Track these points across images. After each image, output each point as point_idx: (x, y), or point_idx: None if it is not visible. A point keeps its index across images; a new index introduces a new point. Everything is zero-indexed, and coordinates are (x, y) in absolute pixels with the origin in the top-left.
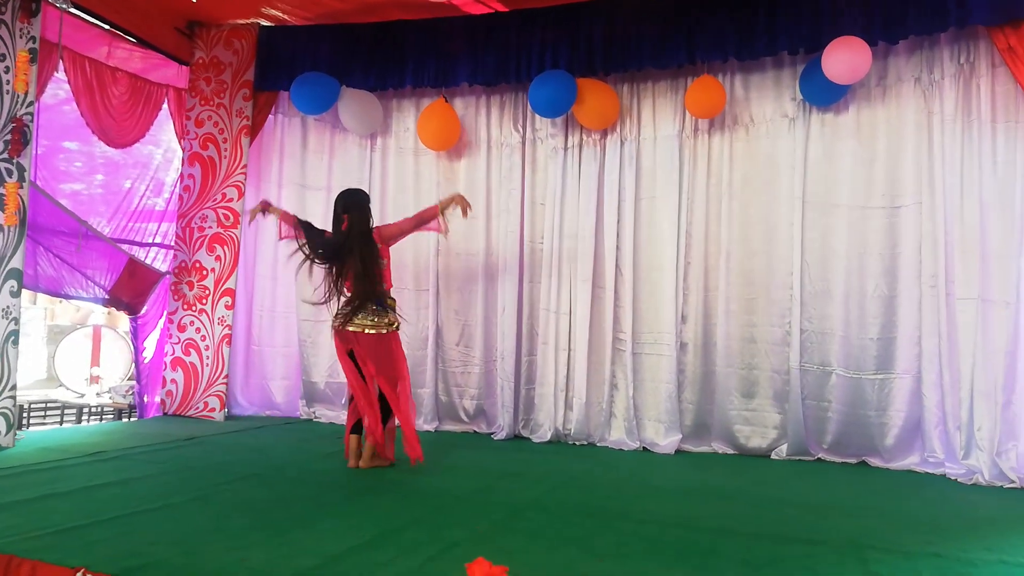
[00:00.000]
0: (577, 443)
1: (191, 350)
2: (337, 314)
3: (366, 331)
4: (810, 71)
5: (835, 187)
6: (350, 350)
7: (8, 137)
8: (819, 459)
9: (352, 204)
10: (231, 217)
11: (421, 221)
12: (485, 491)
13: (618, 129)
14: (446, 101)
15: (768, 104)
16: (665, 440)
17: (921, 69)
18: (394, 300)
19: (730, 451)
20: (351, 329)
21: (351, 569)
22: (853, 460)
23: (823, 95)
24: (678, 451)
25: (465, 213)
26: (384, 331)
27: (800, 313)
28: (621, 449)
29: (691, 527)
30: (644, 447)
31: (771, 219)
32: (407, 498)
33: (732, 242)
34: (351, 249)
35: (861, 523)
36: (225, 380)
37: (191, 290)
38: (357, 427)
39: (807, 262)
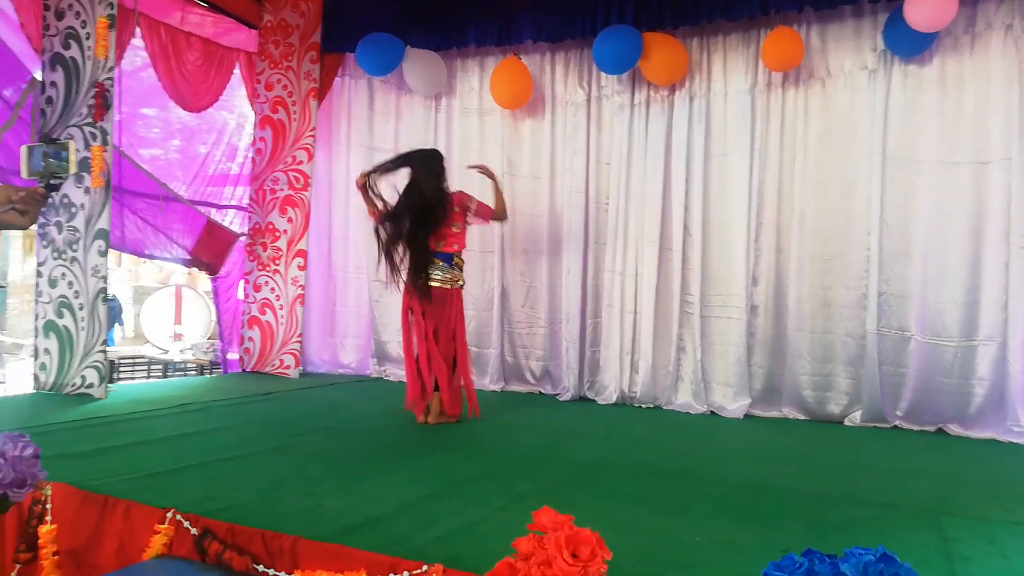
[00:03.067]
0: (643, 406)
1: (267, 309)
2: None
3: (431, 284)
4: (893, 19)
5: (917, 143)
6: (410, 307)
7: (91, 102)
8: (895, 426)
9: (415, 162)
10: (301, 179)
11: (491, 216)
12: (551, 448)
13: (687, 85)
14: (517, 58)
15: (847, 56)
16: (734, 404)
17: (1013, 15)
18: (463, 260)
19: (801, 416)
20: (423, 285)
21: (422, 516)
22: (931, 428)
23: (907, 45)
24: (747, 416)
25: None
26: (449, 287)
27: (878, 275)
28: (688, 412)
29: (759, 488)
30: (712, 411)
31: (848, 176)
32: (475, 453)
33: (806, 201)
34: (416, 207)
35: (937, 489)
36: (299, 339)
37: (265, 251)
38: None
39: (886, 221)
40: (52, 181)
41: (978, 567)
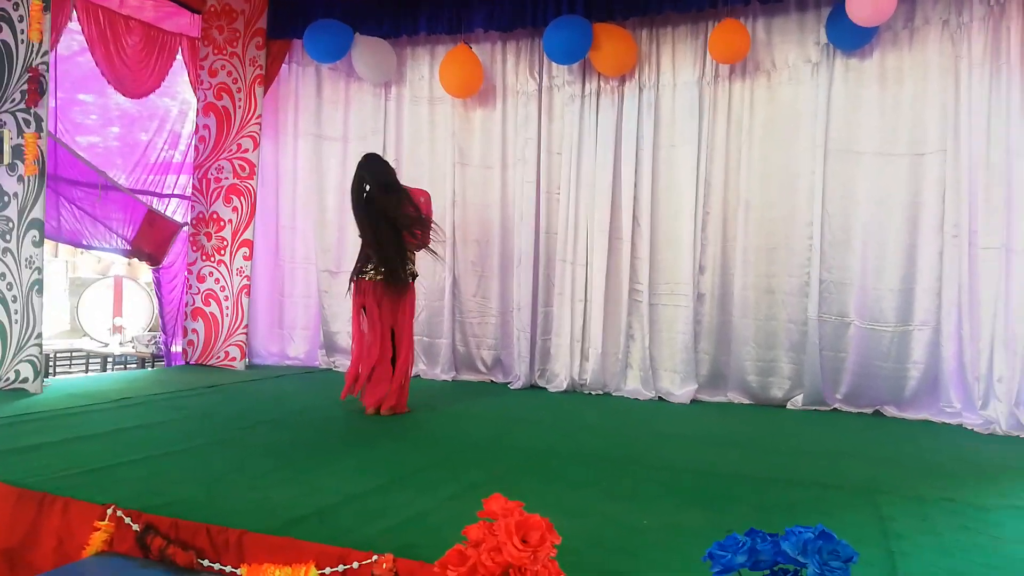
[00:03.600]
0: (593, 393)
1: (211, 300)
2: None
3: (391, 282)
4: (836, 13)
5: (858, 134)
6: (362, 305)
7: (25, 87)
8: (835, 409)
9: (365, 175)
10: (247, 168)
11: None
12: (501, 437)
13: (636, 76)
14: (467, 46)
15: (791, 49)
16: (681, 390)
17: (949, 11)
18: (414, 252)
19: (746, 401)
20: (367, 279)
21: (372, 507)
22: (868, 410)
23: (849, 39)
24: (693, 401)
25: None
26: (409, 280)
27: (819, 263)
28: (636, 399)
29: (706, 472)
30: (660, 397)
31: (792, 168)
32: (425, 443)
33: (752, 191)
34: (374, 206)
35: (874, 469)
36: (245, 330)
37: (209, 241)
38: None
39: (827, 212)
40: None
41: (911, 544)
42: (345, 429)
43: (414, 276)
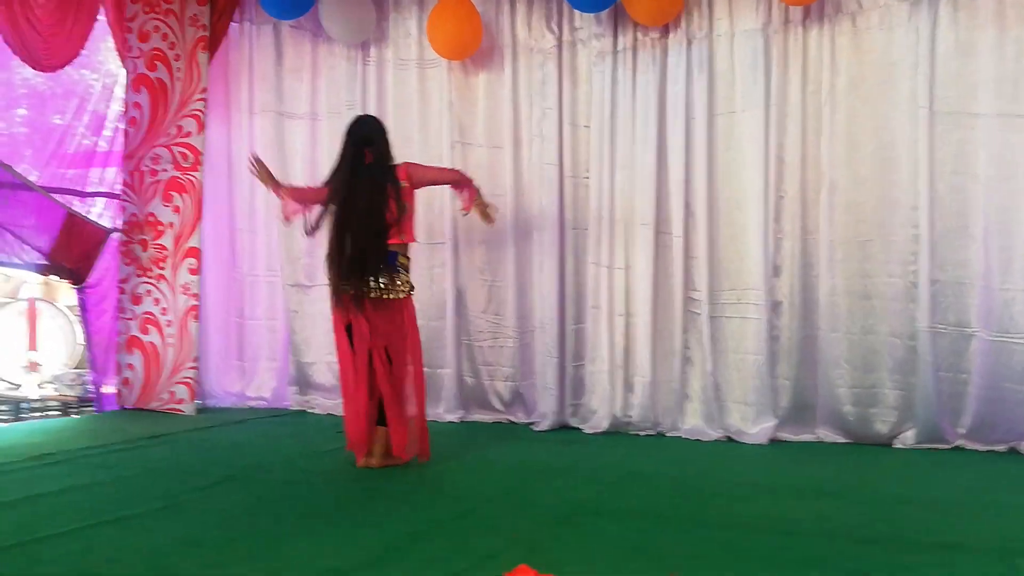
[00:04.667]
0: (641, 433)
1: (149, 327)
2: (334, 272)
3: (371, 295)
4: None
5: (972, 91)
6: (348, 323)
7: None
8: (956, 447)
9: (373, 135)
10: (190, 156)
11: (456, 182)
12: (524, 492)
13: (683, 25)
14: None
15: None
16: (755, 427)
17: None
18: (408, 258)
19: (840, 439)
20: (351, 292)
21: None
22: (1001, 447)
23: None
24: (772, 440)
25: (491, 219)
26: (394, 296)
27: (928, 259)
28: (698, 440)
29: (788, 531)
30: (728, 436)
31: (887, 136)
32: (427, 504)
33: (836, 167)
34: (362, 187)
35: (1011, 524)
36: (195, 364)
37: (145, 251)
38: (382, 417)
39: (936, 192)
40: None
41: None
42: (324, 487)
43: (411, 287)
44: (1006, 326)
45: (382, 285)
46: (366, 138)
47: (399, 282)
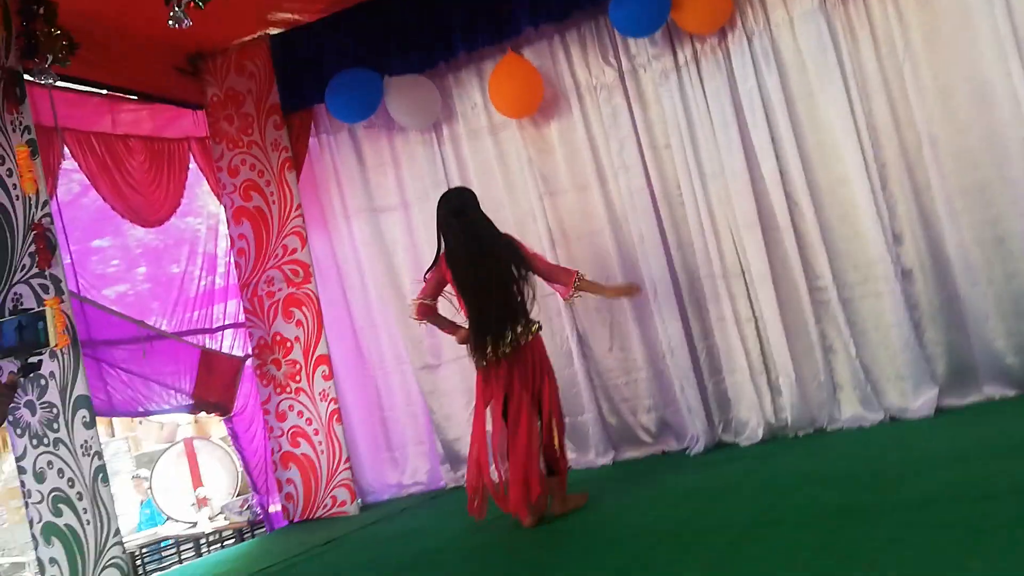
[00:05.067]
0: (800, 433)
1: (300, 440)
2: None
3: (509, 348)
4: None
5: None
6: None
7: (32, 248)
8: None
9: (464, 205)
10: (300, 272)
11: (551, 274)
12: (697, 518)
13: (739, 23)
14: (515, 53)
15: None
16: (917, 401)
17: None
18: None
19: (1010, 393)
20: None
21: None
22: None
23: None
24: (939, 410)
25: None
26: (529, 337)
27: None
28: (860, 427)
29: (986, 495)
30: (891, 417)
31: (977, 77)
32: (606, 547)
33: (933, 122)
34: (491, 253)
35: None
36: (348, 465)
37: (279, 369)
38: (549, 468)
39: None
40: (30, 359)
41: None
42: (502, 554)
43: (538, 327)
44: None
45: (519, 331)
46: (459, 209)
47: (527, 323)
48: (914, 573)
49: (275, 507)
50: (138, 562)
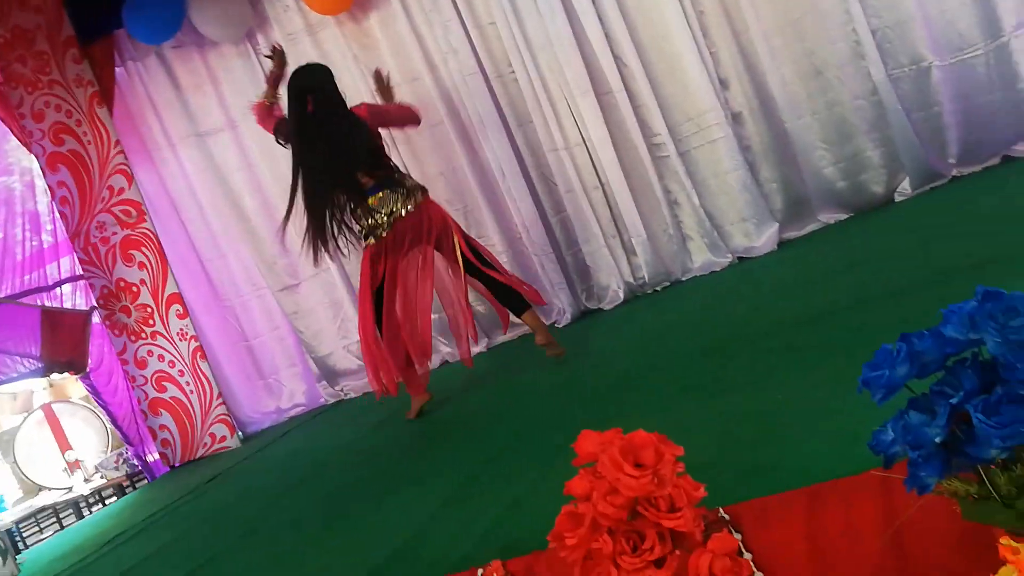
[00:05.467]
0: (657, 289)
1: (165, 384)
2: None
3: (404, 213)
4: None
5: None
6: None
7: None
8: (953, 178)
9: (312, 83)
10: (133, 211)
11: (414, 120)
12: (567, 389)
13: None
14: None
15: None
16: (760, 239)
17: None
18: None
19: (843, 215)
20: (384, 233)
21: (455, 522)
22: (994, 160)
23: None
24: (781, 243)
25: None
26: (415, 202)
27: (861, 11)
28: (712, 272)
29: (830, 314)
30: (738, 258)
31: None
32: (477, 437)
33: None
34: (313, 135)
35: None
36: (221, 400)
37: (130, 316)
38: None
39: None
40: None
41: None
42: (384, 454)
43: (423, 188)
44: (957, 44)
45: (403, 198)
46: (306, 88)
47: (411, 186)
48: (770, 395)
49: (152, 456)
50: (16, 539)
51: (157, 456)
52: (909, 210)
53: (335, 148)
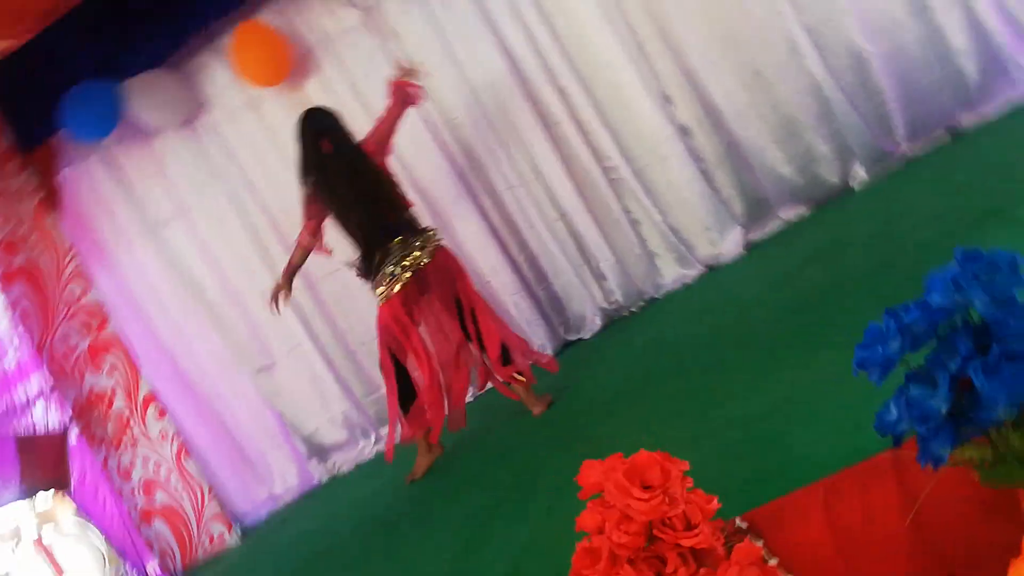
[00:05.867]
0: (634, 310)
1: (154, 490)
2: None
3: (422, 263)
4: None
5: None
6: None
7: None
8: (904, 156)
9: (325, 126)
10: (96, 315)
11: (394, 117)
12: (557, 424)
13: None
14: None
15: None
16: (726, 245)
17: None
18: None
19: (804, 211)
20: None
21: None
22: (940, 132)
23: None
24: (748, 246)
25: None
26: (436, 246)
27: (791, 10)
28: (684, 285)
29: (808, 308)
30: (708, 267)
31: None
32: (480, 483)
33: None
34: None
35: (991, 188)
36: (213, 497)
37: (107, 425)
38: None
39: None
40: None
41: None
42: (382, 514)
43: (440, 239)
44: (887, 27)
45: (420, 250)
46: (320, 132)
47: (429, 235)
48: (768, 397)
49: (153, 566)
50: None
51: (157, 566)
52: (869, 195)
53: (359, 193)
